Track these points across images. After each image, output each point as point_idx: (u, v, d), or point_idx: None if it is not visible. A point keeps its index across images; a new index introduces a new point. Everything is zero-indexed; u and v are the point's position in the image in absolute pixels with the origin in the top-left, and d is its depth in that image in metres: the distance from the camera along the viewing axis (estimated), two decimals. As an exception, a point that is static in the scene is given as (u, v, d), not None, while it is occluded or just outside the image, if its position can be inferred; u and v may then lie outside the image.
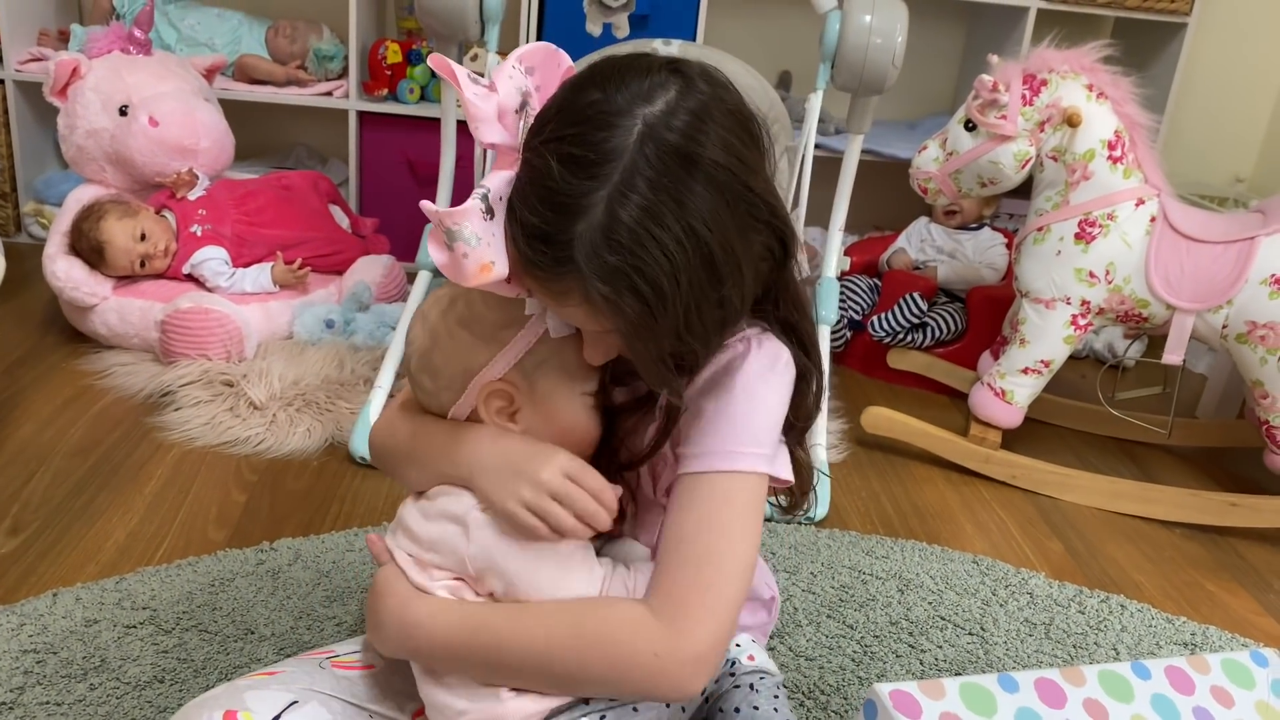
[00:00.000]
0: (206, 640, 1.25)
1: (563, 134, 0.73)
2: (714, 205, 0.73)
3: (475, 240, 0.74)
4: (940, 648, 1.38)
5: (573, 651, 0.80)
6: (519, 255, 0.75)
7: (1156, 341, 1.83)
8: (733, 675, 0.96)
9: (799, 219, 1.86)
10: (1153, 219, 1.76)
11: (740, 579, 0.81)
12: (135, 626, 1.26)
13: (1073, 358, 1.88)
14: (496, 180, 0.75)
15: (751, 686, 0.94)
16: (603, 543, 0.93)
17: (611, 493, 0.84)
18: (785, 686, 1.26)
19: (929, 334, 2.28)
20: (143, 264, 2.04)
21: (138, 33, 2.17)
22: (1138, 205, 1.76)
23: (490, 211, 0.75)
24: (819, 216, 2.05)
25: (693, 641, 0.78)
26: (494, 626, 0.81)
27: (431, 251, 0.77)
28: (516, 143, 0.77)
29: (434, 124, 2.02)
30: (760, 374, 0.85)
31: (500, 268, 0.76)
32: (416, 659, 0.87)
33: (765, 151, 0.79)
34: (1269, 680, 0.96)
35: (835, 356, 2.38)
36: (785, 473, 0.87)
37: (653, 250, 0.71)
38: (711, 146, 0.73)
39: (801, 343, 0.88)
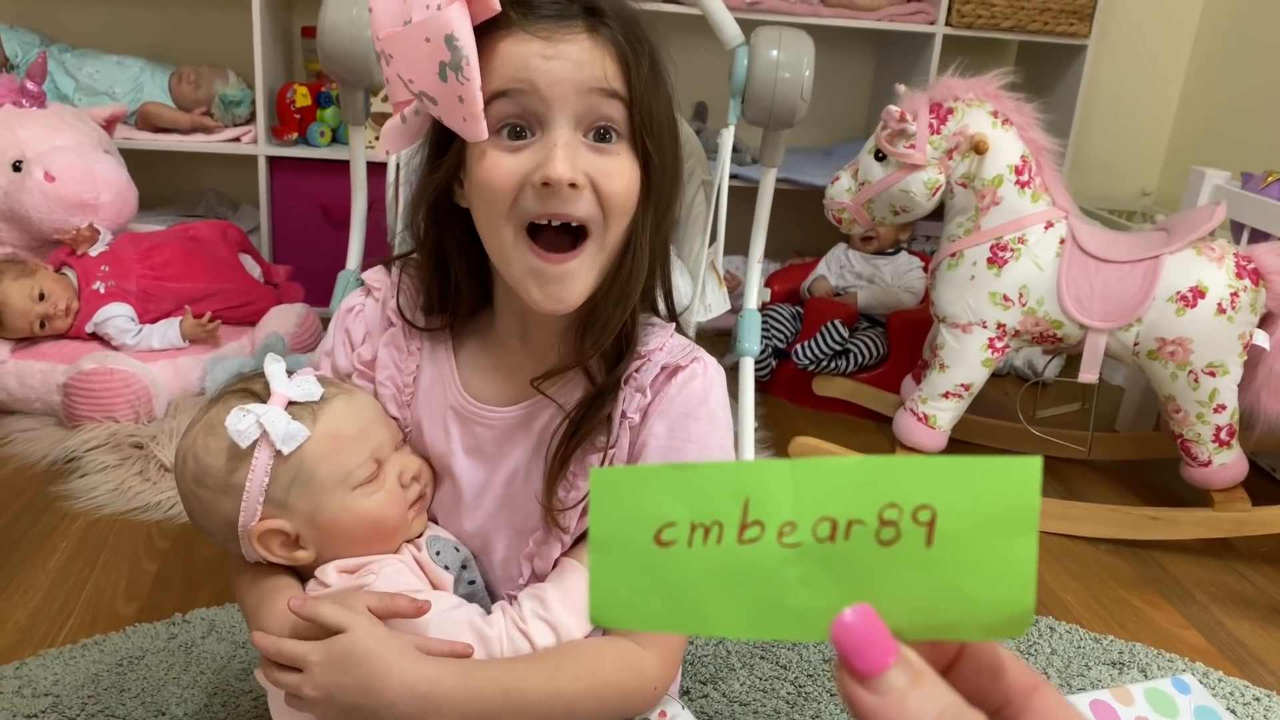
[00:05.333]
0: (114, 726, 1.19)
1: None
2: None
3: None
4: (874, 683, 1.37)
5: (592, 700, 0.83)
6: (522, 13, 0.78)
7: (1076, 357, 1.86)
8: None
9: (718, 252, 1.86)
10: (1062, 241, 1.79)
11: None
12: (36, 715, 1.19)
13: (994, 375, 1.90)
14: None
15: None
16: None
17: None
18: (719, 736, 1.24)
19: (852, 360, 2.29)
20: (43, 324, 1.96)
21: (30, 84, 2.10)
22: (1047, 228, 1.79)
23: None
24: (738, 246, 2.05)
25: (674, 667, 0.88)
26: (519, 686, 0.80)
27: None
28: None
29: (347, 166, 1.98)
30: (720, 394, 0.88)
31: None
32: None
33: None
34: (1192, 708, 0.97)
35: (761, 385, 2.38)
36: None
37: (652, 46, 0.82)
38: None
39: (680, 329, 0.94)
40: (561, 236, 0.81)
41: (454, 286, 0.90)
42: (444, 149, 0.84)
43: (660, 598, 0.38)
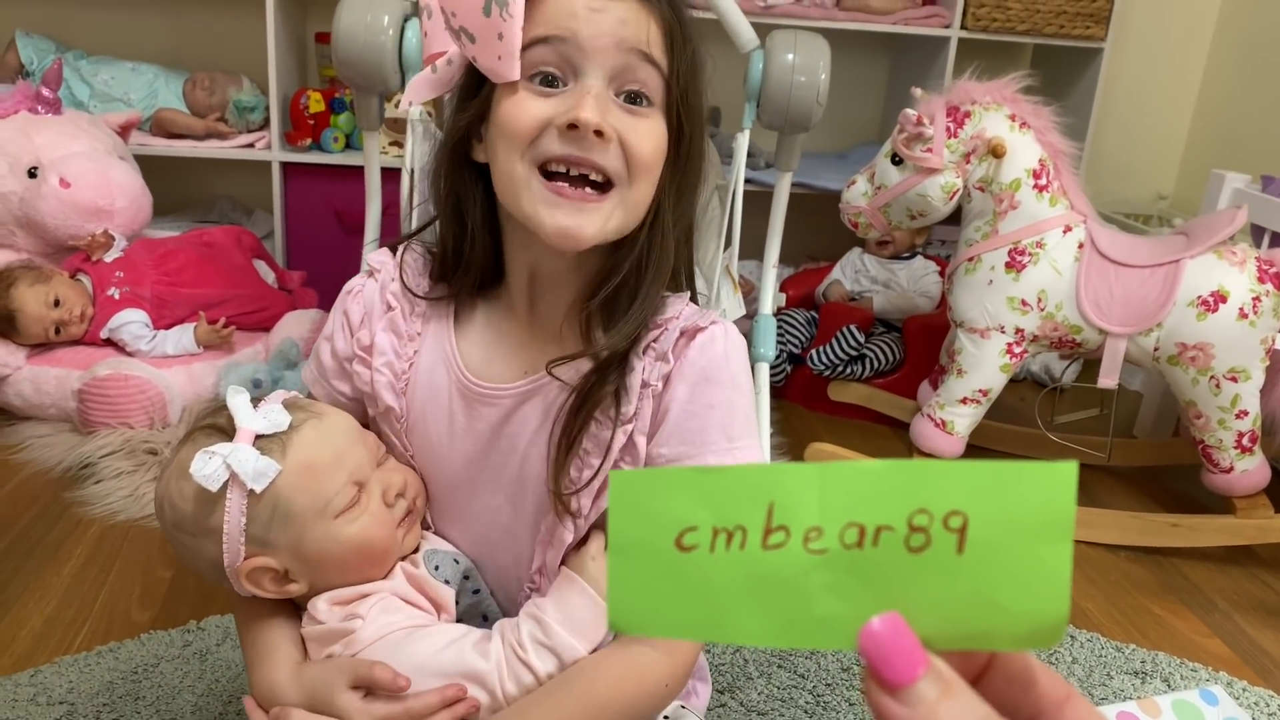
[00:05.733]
0: (128, 734, 1.19)
1: None
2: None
3: None
4: (893, 692, 1.35)
5: (635, 699, 0.81)
6: None
7: (1093, 362, 1.85)
8: None
9: (733, 257, 1.85)
10: (1080, 245, 1.78)
11: None
12: (51, 724, 1.19)
13: (1011, 380, 1.89)
14: None
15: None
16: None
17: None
18: (737, 746, 1.23)
19: (868, 365, 2.28)
20: (58, 331, 1.96)
21: (46, 91, 2.11)
22: (1065, 232, 1.78)
23: None
24: (753, 250, 2.04)
25: (684, 656, 0.83)
26: None
27: None
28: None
29: (360, 172, 1.98)
30: (742, 359, 0.86)
31: None
32: None
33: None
34: (1220, 719, 0.96)
35: (776, 391, 2.37)
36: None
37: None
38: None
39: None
40: (581, 184, 0.79)
41: (470, 243, 0.87)
42: (472, 96, 0.83)
43: (681, 604, 0.37)
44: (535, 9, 0.77)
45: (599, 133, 0.75)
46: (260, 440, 0.81)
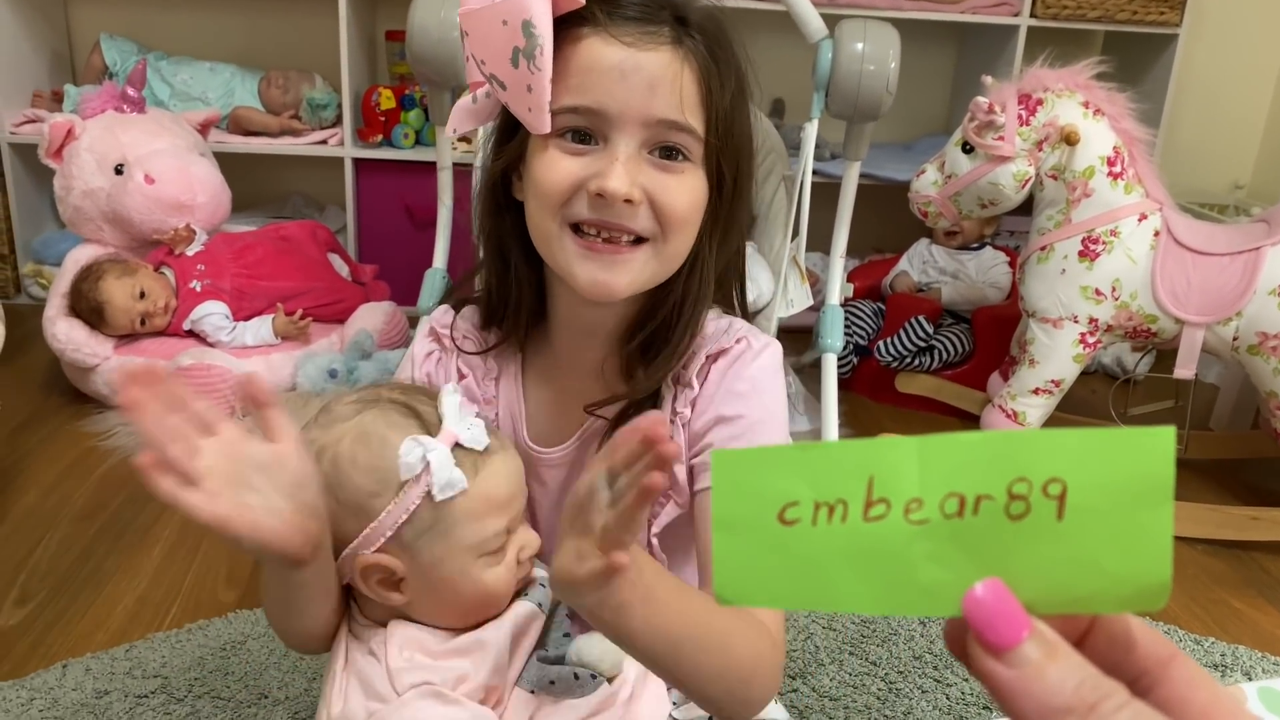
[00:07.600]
0: (220, 707, 1.23)
1: None
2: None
3: None
4: (967, 680, 1.35)
5: (750, 653, 0.71)
6: (607, 11, 0.76)
7: (1166, 354, 1.82)
8: None
9: (800, 247, 1.85)
10: (1156, 233, 1.75)
11: None
12: (147, 696, 1.24)
13: (1082, 373, 1.86)
14: None
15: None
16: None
17: None
18: (811, 730, 1.23)
19: (936, 356, 2.27)
20: (143, 322, 2.03)
21: (131, 91, 2.18)
22: (1140, 220, 1.75)
23: None
24: (819, 242, 2.04)
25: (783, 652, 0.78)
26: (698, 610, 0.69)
27: None
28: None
29: (430, 168, 2.02)
30: (771, 366, 0.85)
31: None
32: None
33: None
34: (1308, 708, 0.94)
35: (843, 382, 2.36)
36: None
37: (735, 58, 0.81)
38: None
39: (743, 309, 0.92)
40: (613, 241, 0.78)
41: (514, 282, 0.86)
42: (509, 136, 0.83)
43: (786, 576, 0.38)
44: (564, 63, 0.75)
45: (628, 200, 0.75)
46: (457, 450, 0.76)
